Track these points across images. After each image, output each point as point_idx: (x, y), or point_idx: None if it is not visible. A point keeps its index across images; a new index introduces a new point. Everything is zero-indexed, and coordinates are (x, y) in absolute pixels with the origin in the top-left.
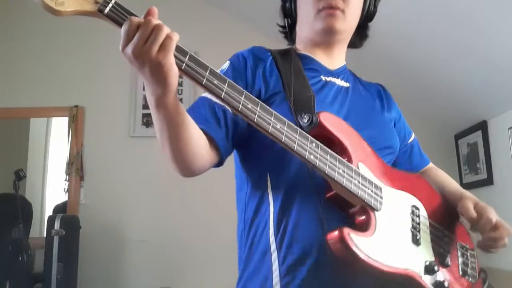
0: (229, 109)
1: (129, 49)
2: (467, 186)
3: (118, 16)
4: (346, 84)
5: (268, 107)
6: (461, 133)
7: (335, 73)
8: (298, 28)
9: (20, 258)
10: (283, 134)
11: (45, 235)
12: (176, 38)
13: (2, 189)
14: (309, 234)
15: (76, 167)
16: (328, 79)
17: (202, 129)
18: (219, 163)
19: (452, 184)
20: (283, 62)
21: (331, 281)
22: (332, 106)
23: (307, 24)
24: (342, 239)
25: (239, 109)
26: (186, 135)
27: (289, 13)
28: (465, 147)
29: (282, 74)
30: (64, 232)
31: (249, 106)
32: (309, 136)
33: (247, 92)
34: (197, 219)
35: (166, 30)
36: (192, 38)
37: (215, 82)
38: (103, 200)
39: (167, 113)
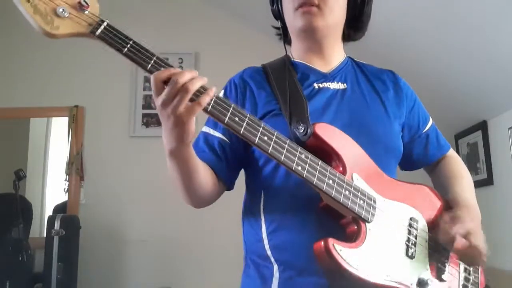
0: (227, 140)
1: (159, 101)
2: None
3: (110, 38)
4: (342, 86)
5: (257, 119)
6: (461, 133)
7: (330, 76)
8: (288, 27)
9: (20, 258)
10: (269, 146)
11: (45, 235)
12: (204, 101)
13: (2, 189)
14: (305, 246)
15: (76, 167)
16: (322, 85)
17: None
18: (229, 188)
19: (457, 187)
20: (276, 75)
21: None
22: (324, 114)
23: (290, 24)
24: (326, 249)
25: (225, 122)
26: (197, 178)
27: (277, 15)
28: (465, 147)
29: (274, 88)
30: (64, 232)
31: (236, 119)
32: (298, 147)
33: (235, 105)
34: (197, 219)
35: (192, 90)
36: (193, 39)
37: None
38: (103, 200)
39: (180, 162)
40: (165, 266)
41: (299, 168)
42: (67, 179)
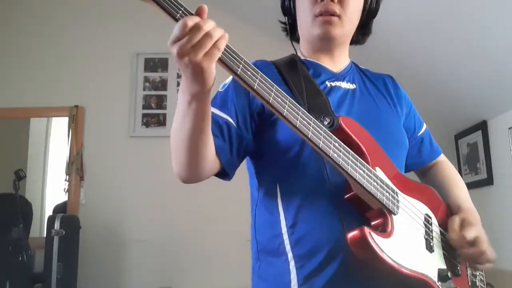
0: (234, 123)
1: (175, 48)
2: (467, 186)
3: None
4: (352, 86)
5: (296, 103)
6: (461, 133)
7: (340, 76)
8: (299, 27)
9: (20, 258)
10: (309, 130)
11: (45, 235)
12: (222, 45)
13: (2, 189)
14: (327, 238)
15: (76, 167)
16: (333, 84)
17: None
18: (225, 175)
19: (454, 190)
20: (289, 71)
21: None
22: (339, 111)
23: (305, 28)
24: (363, 238)
25: (270, 101)
26: (207, 137)
27: (289, 11)
28: (465, 147)
29: (289, 83)
30: (64, 232)
31: (279, 99)
32: (332, 135)
33: (277, 87)
34: (197, 219)
35: (215, 37)
36: None
37: (249, 73)
38: (103, 200)
39: (199, 107)
40: (165, 266)
41: (335, 155)
42: (67, 179)
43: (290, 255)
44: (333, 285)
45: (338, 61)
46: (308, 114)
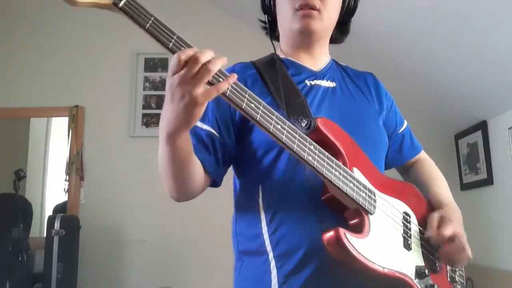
0: (216, 133)
1: (176, 79)
2: (467, 186)
3: (132, 11)
4: (332, 84)
5: (270, 108)
6: (461, 133)
7: (320, 75)
8: (279, 23)
9: (20, 258)
10: (283, 134)
11: (45, 235)
12: (224, 87)
13: (2, 189)
14: (306, 238)
15: (76, 167)
16: (313, 82)
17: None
18: (215, 184)
19: (435, 187)
20: (268, 72)
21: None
22: (319, 111)
23: (285, 23)
24: (337, 239)
25: (243, 107)
26: (189, 167)
27: (268, 9)
28: (465, 147)
29: (268, 84)
30: (64, 232)
31: (252, 105)
32: (307, 138)
33: (250, 92)
34: (197, 219)
35: (213, 71)
36: (192, 39)
37: (221, 80)
38: (103, 200)
39: (176, 148)
40: (165, 266)
41: (310, 158)
42: (67, 179)
43: (270, 255)
44: (312, 284)
45: (318, 58)
46: (283, 118)
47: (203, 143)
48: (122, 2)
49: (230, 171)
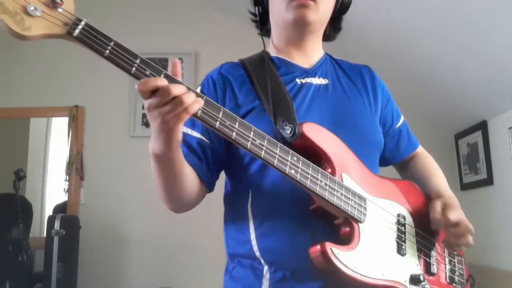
0: (206, 140)
1: (146, 104)
2: (467, 186)
3: (89, 39)
4: (324, 81)
5: (247, 123)
6: (461, 133)
7: (312, 72)
8: (271, 15)
9: (20, 258)
10: (262, 150)
11: (45, 235)
12: (193, 110)
13: (2, 189)
14: (295, 248)
15: (76, 167)
16: (304, 80)
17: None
18: (208, 190)
19: (433, 179)
20: (257, 72)
21: None
22: (309, 110)
23: (278, 14)
24: (323, 253)
25: (216, 127)
26: (182, 181)
27: (260, 1)
28: (465, 147)
29: (256, 85)
30: (64, 232)
31: (227, 123)
32: (290, 150)
33: (225, 109)
34: (197, 219)
35: (186, 103)
36: (193, 39)
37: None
38: (103, 200)
39: (164, 166)
40: (165, 266)
41: (292, 171)
42: (67, 179)
43: (262, 260)
44: None
45: (310, 54)
46: (262, 133)
47: (194, 152)
48: (77, 32)
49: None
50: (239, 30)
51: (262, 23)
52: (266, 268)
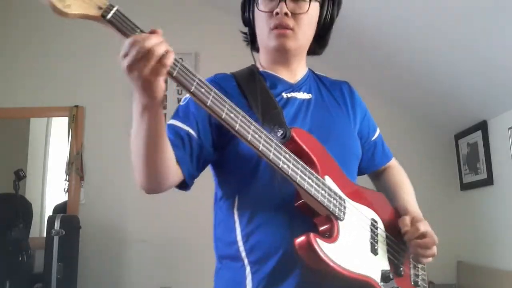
0: (195, 134)
1: (125, 62)
2: (467, 186)
3: (120, 23)
4: (308, 96)
5: (249, 117)
6: (461, 133)
7: (297, 87)
8: (257, 38)
9: (20, 258)
10: (260, 143)
11: (45, 235)
12: (168, 61)
13: (2, 189)
14: (279, 245)
15: (76, 167)
16: (289, 95)
17: None
18: (185, 186)
19: (403, 195)
20: (247, 84)
21: None
22: (294, 122)
23: (262, 39)
24: (308, 243)
25: (223, 117)
26: (163, 146)
27: (249, 22)
28: (465, 147)
29: (247, 95)
30: (64, 232)
31: (232, 114)
32: (283, 147)
33: (230, 102)
34: (197, 219)
35: (157, 54)
36: (193, 39)
37: (203, 90)
38: (103, 200)
39: (150, 120)
40: (165, 266)
41: (285, 166)
42: (67, 179)
43: (246, 261)
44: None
45: (295, 71)
46: (260, 128)
47: (181, 140)
48: (110, 15)
49: None
50: (239, 30)
51: (253, 41)
52: (248, 269)
